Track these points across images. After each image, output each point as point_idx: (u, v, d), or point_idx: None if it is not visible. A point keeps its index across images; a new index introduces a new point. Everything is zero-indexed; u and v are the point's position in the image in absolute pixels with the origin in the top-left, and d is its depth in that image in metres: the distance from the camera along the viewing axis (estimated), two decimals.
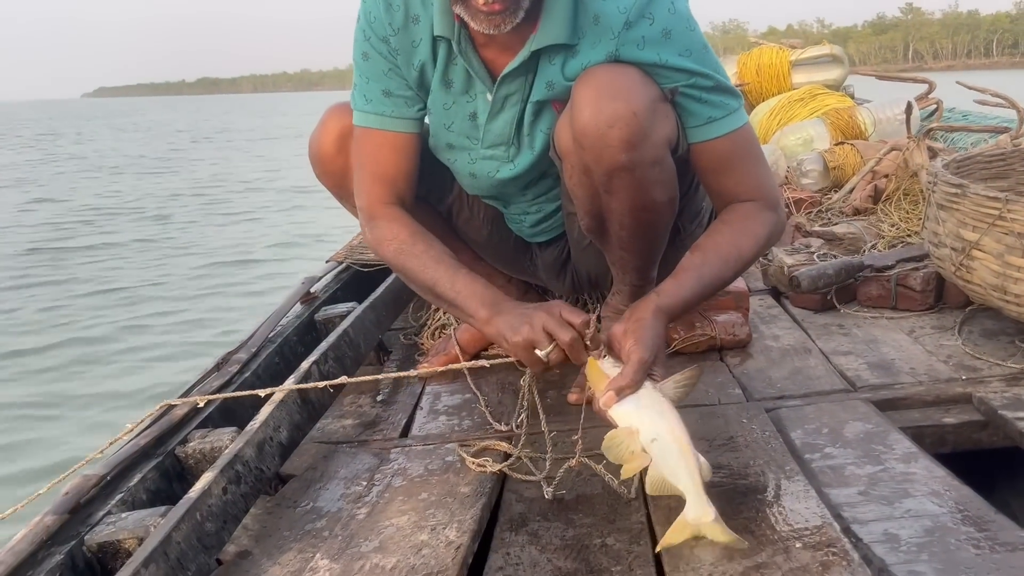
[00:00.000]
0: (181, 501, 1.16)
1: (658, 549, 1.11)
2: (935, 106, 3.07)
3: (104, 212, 10.02)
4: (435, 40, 1.44)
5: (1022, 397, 1.45)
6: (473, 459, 1.44)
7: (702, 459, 1.15)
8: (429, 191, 1.74)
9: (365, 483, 1.42)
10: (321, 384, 1.51)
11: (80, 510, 1.21)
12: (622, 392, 1.19)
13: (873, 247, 2.11)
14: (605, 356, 1.27)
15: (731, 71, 3.90)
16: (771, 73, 3.72)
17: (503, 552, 1.18)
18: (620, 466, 1.19)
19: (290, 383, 1.55)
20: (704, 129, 1.38)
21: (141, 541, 1.11)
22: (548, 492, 1.31)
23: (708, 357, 1.82)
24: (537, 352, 1.27)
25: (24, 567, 1.08)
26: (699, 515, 1.08)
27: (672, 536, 1.10)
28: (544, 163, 1.53)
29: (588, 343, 1.26)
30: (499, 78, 1.41)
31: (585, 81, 1.33)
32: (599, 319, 1.75)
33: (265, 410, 1.43)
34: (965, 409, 1.50)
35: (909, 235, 2.12)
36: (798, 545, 1.05)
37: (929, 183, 1.74)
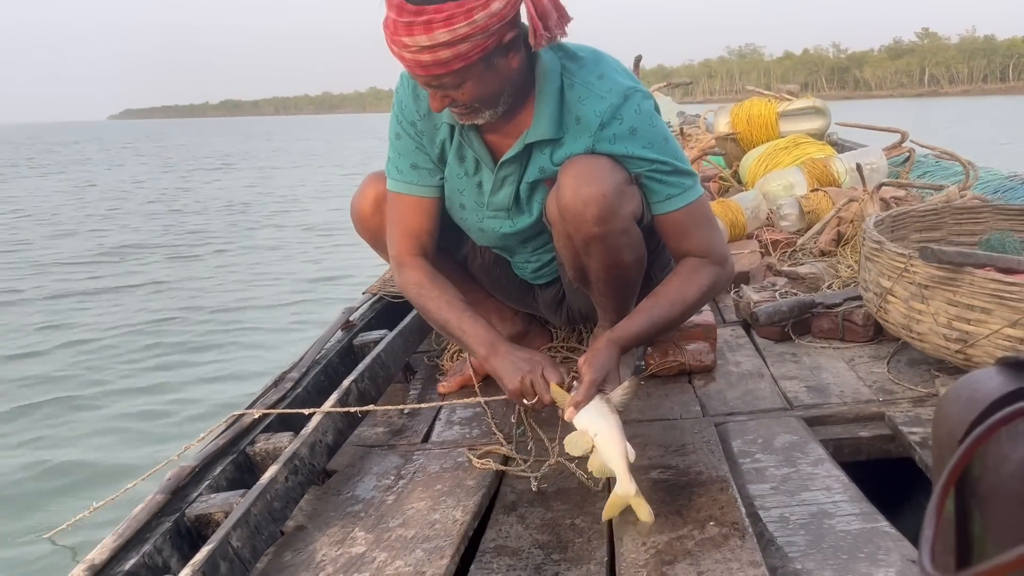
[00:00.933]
0: (255, 485, 1.55)
1: (604, 518, 1.48)
2: (907, 155, 3.39)
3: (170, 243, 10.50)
4: (451, 125, 1.84)
5: (921, 416, 1.80)
6: (478, 460, 1.82)
7: (630, 448, 1.51)
8: (449, 243, 2.13)
9: (393, 477, 1.81)
10: (354, 409, 1.90)
11: (179, 491, 1.61)
12: (578, 405, 1.56)
13: (829, 286, 2.46)
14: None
15: (724, 120, 4.27)
16: (760, 123, 4.08)
17: (496, 528, 1.55)
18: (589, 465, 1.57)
19: (333, 399, 1.94)
20: (664, 204, 1.76)
21: (227, 515, 1.50)
22: (534, 485, 1.69)
23: (678, 380, 2.18)
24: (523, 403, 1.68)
25: (143, 531, 1.48)
26: (626, 490, 1.45)
27: (609, 509, 1.48)
28: (539, 224, 1.91)
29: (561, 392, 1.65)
30: (499, 163, 1.80)
31: (567, 168, 1.71)
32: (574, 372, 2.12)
33: (315, 418, 1.83)
34: (878, 425, 1.85)
35: None
36: (711, 523, 1.42)
37: (862, 236, 2.09)
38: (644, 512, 1.45)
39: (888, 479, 1.83)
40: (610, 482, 1.62)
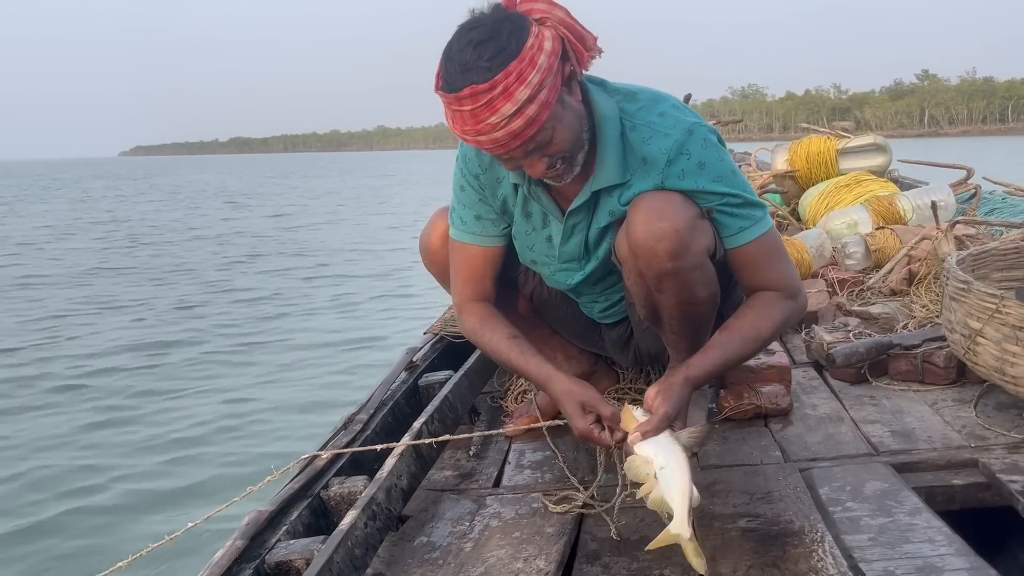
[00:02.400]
0: (336, 531, 1.52)
1: (649, 548, 1.44)
2: (974, 191, 3.32)
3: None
4: (514, 183, 1.82)
5: (1019, 464, 1.72)
6: (555, 505, 1.78)
7: (695, 491, 1.46)
8: (516, 279, 2.12)
9: (468, 523, 1.77)
10: (434, 440, 1.87)
11: (257, 537, 1.59)
12: (646, 435, 1.51)
13: (904, 327, 2.39)
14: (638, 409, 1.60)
15: (782, 158, 4.23)
16: (819, 160, 4.03)
17: None
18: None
19: (406, 440, 1.91)
20: (736, 237, 1.72)
21: (308, 562, 1.47)
22: (614, 532, 1.64)
23: (754, 423, 2.12)
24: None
25: None
26: (679, 531, 1.40)
27: (657, 541, 1.43)
28: (608, 265, 1.88)
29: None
30: (567, 212, 1.78)
31: (638, 205, 1.69)
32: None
33: (390, 461, 1.80)
34: (972, 472, 1.77)
35: (937, 316, 2.39)
36: None
37: (945, 276, 2.03)
38: (696, 559, 1.40)
39: (983, 530, 1.75)
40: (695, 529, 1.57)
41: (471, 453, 2.16)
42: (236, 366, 6.22)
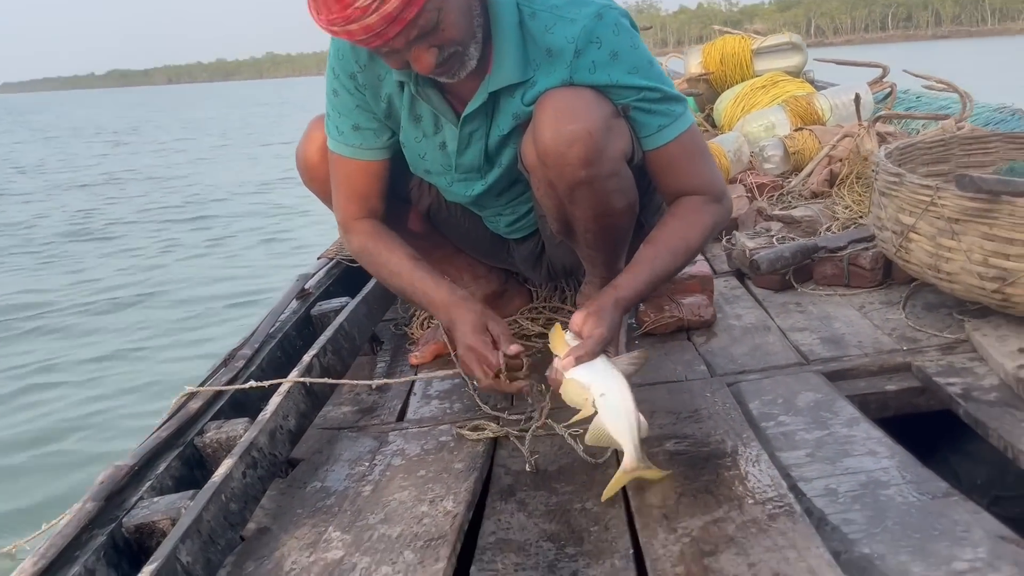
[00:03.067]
0: (207, 485, 1.30)
1: (604, 497, 1.29)
2: (889, 89, 3.23)
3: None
4: (399, 81, 1.57)
5: (955, 365, 1.62)
6: (469, 432, 1.60)
7: (642, 418, 1.31)
8: (409, 193, 1.89)
9: (367, 464, 1.57)
10: (321, 380, 1.65)
11: (114, 497, 1.35)
12: (580, 360, 1.34)
13: (828, 229, 2.28)
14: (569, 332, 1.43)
15: (696, 60, 4.06)
16: (734, 62, 3.87)
17: (495, 519, 1.33)
18: (585, 437, 1.35)
19: (294, 376, 1.69)
20: (655, 137, 1.53)
21: (174, 522, 1.25)
22: (530, 464, 1.47)
23: (676, 337, 1.98)
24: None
25: (71, 548, 1.22)
26: (636, 465, 1.27)
27: (612, 487, 1.28)
28: (513, 173, 1.67)
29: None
30: (462, 118, 1.55)
31: (544, 105, 1.47)
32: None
33: (274, 401, 1.58)
34: (905, 377, 1.66)
35: (861, 216, 2.28)
36: (750, 501, 1.21)
37: (873, 171, 1.90)
38: (657, 475, 1.30)
39: (917, 435, 1.66)
40: (617, 455, 1.42)
41: (373, 387, 1.96)
42: (96, 325, 5.74)
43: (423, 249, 2.04)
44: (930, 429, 1.67)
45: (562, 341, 1.40)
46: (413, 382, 1.95)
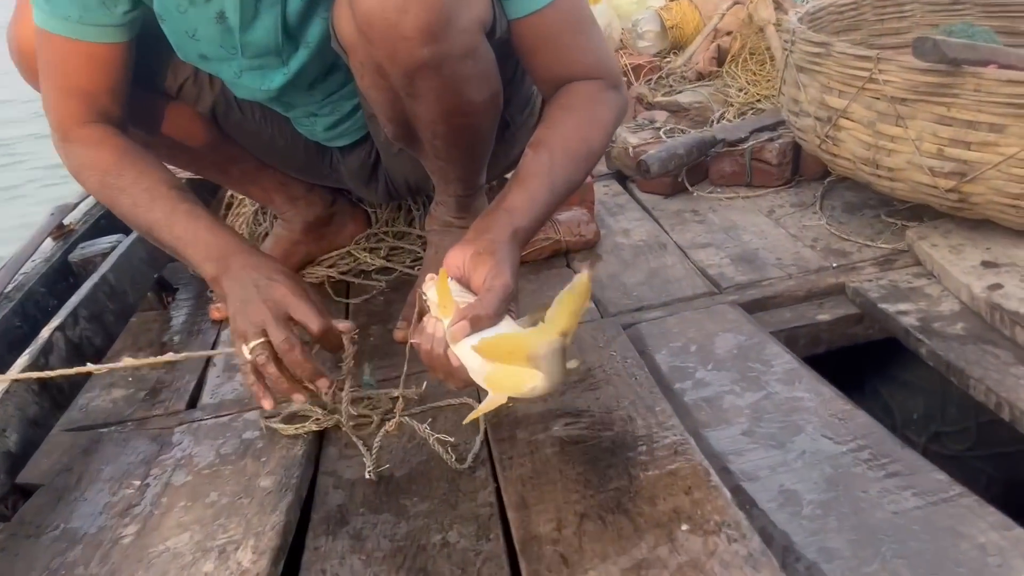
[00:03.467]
0: None
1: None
2: None
3: None
4: None
5: (899, 285, 1.30)
6: (283, 425, 1.15)
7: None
8: (181, 89, 1.36)
9: (138, 483, 1.10)
10: (58, 373, 1.14)
11: None
12: (478, 323, 0.91)
13: (722, 117, 1.90)
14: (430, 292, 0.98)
15: None
16: None
17: (317, 569, 0.91)
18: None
19: (22, 363, 1.17)
20: (524, 1, 1.07)
21: None
22: (370, 470, 1.04)
23: (552, 265, 1.57)
24: (244, 349, 1.01)
25: None
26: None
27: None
28: (328, 55, 1.18)
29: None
30: None
31: None
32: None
33: None
34: (839, 302, 1.33)
35: (759, 100, 1.92)
36: (684, 528, 0.84)
37: (787, 42, 1.51)
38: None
39: (841, 362, 1.35)
40: (491, 458, 1.03)
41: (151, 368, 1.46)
42: None
43: (213, 166, 1.52)
44: (856, 355, 1.37)
45: (449, 297, 0.95)
46: (214, 344, 1.46)
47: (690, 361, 1.18)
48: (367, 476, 1.04)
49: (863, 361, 1.51)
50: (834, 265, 1.39)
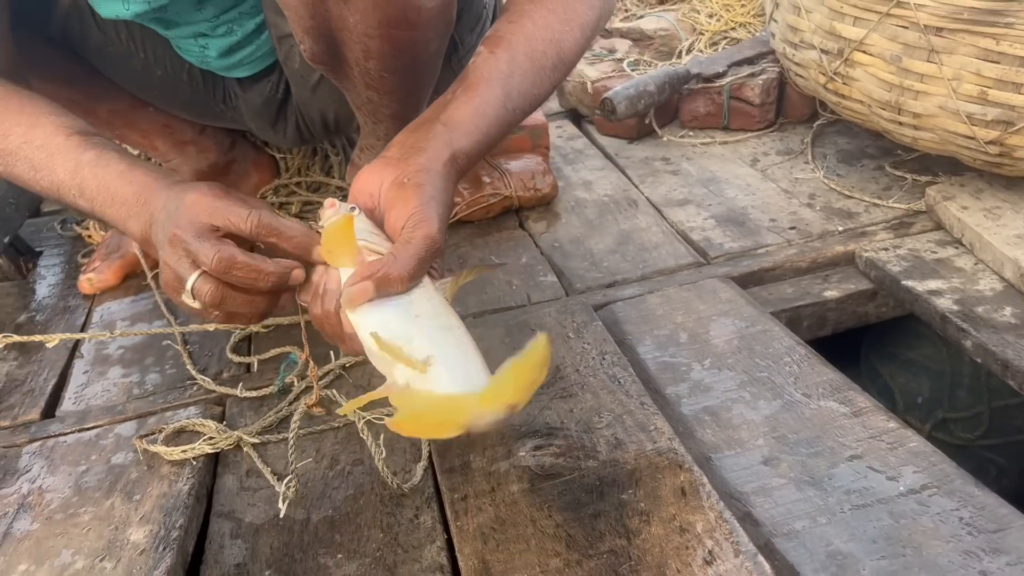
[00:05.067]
0: None
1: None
2: None
3: None
4: None
5: (921, 255, 1.08)
6: (164, 448, 0.88)
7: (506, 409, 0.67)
8: (50, 23, 1.03)
9: None
10: None
11: None
12: (387, 287, 0.65)
13: (692, 47, 1.65)
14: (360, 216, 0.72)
15: None
16: None
17: None
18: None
19: None
20: None
21: None
22: (283, 504, 0.79)
23: (503, 225, 1.31)
24: (183, 297, 0.72)
25: None
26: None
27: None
28: None
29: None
30: None
31: None
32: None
33: None
34: (849, 275, 1.12)
35: (733, 28, 1.67)
36: None
37: None
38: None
39: (843, 347, 1.16)
40: (435, 477, 0.79)
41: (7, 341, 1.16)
42: None
43: (74, 106, 1.19)
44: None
45: (351, 243, 0.68)
46: (84, 325, 1.17)
47: (682, 355, 0.95)
48: (280, 511, 0.79)
49: (860, 336, 1.32)
50: (840, 229, 1.17)
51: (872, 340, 1.30)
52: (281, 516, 0.79)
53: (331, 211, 0.72)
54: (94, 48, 1.10)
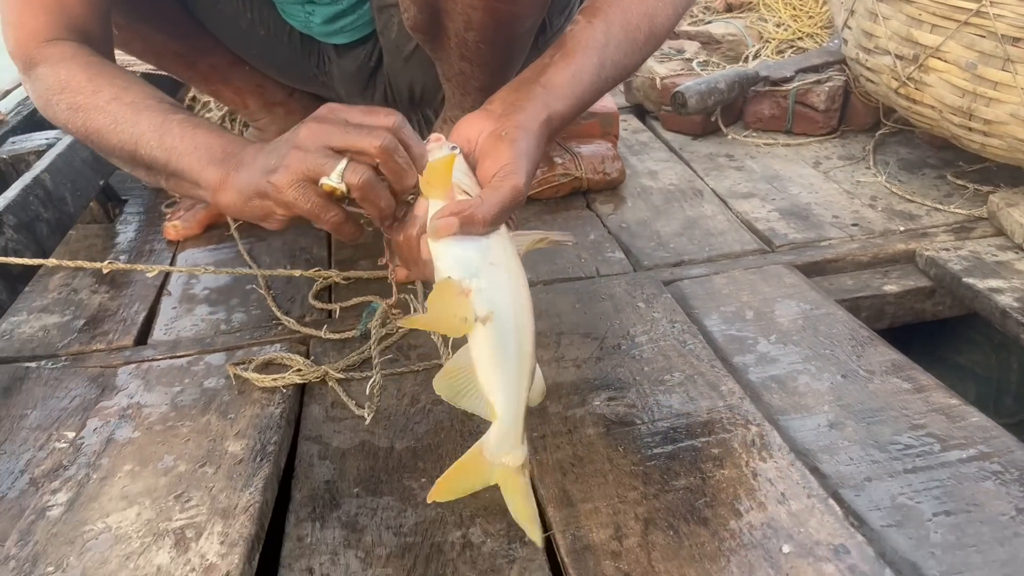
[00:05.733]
0: None
1: (431, 499, 0.70)
2: None
3: None
4: None
5: (982, 256, 1.12)
6: (256, 375, 0.94)
7: (539, 374, 0.72)
8: None
9: (71, 436, 0.88)
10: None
11: None
12: (469, 227, 0.69)
13: (758, 53, 1.70)
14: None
15: None
16: None
17: (303, 567, 0.71)
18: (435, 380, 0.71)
19: None
20: None
21: None
22: (368, 418, 0.84)
23: (571, 205, 1.36)
24: (324, 183, 0.71)
25: None
26: (505, 451, 0.67)
27: (456, 478, 0.70)
28: None
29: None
30: None
31: None
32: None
33: None
34: (908, 272, 1.16)
35: (800, 37, 1.72)
36: (785, 550, 0.66)
37: None
38: (529, 523, 0.68)
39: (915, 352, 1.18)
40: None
41: (103, 279, 1.23)
42: None
43: (178, 58, 1.27)
44: (899, 330, 1.20)
45: (447, 179, 0.71)
46: (168, 275, 1.23)
47: (748, 330, 0.99)
48: (366, 425, 0.84)
49: (906, 338, 1.35)
50: (901, 229, 1.21)
51: (922, 342, 1.33)
52: (367, 421, 0.84)
53: (435, 144, 0.77)
54: (205, 3, 1.16)
